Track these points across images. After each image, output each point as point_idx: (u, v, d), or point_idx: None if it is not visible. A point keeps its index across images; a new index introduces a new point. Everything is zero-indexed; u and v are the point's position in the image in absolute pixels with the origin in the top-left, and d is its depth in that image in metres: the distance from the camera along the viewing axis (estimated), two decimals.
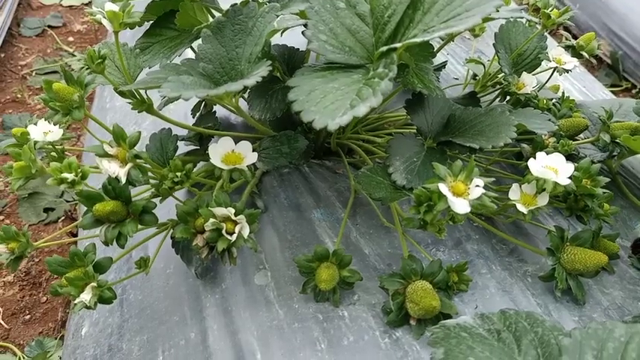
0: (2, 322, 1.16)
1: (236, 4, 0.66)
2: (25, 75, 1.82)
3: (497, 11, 0.53)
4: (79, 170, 0.60)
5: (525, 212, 0.62)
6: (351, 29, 0.63)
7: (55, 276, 1.26)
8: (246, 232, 0.63)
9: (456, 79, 1.15)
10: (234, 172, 0.64)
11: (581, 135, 0.83)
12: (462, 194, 0.56)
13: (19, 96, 1.73)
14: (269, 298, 0.70)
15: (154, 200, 0.65)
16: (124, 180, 0.61)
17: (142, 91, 0.74)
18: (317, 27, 0.62)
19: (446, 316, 0.63)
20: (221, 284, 0.74)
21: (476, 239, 0.73)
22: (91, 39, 2.00)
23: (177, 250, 0.76)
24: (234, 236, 0.62)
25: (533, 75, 0.80)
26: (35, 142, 0.67)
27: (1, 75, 1.80)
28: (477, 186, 0.56)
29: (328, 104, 0.55)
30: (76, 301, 0.62)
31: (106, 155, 0.62)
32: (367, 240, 0.75)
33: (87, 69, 0.70)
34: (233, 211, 0.62)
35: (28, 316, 1.17)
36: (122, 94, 0.74)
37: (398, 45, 0.54)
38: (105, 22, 0.62)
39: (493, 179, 0.59)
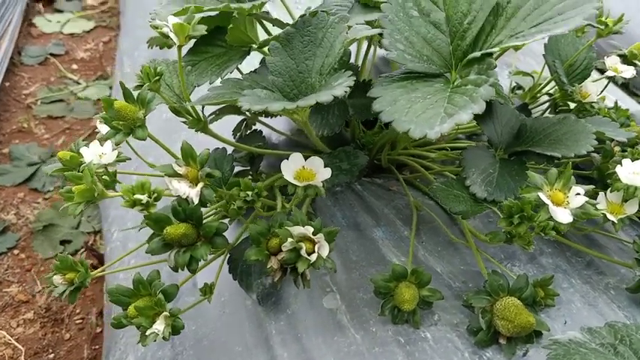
0: None
1: (304, 14, 0.63)
2: (30, 104, 1.77)
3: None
4: (153, 191, 0.56)
5: (615, 221, 0.60)
6: (427, 38, 0.61)
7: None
8: (325, 252, 0.59)
9: None
10: (309, 188, 0.61)
11: None
12: (562, 203, 0.54)
13: (25, 126, 1.68)
14: (342, 322, 0.66)
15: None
16: (196, 200, 0.57)
17: (198, 110, 0.71)
18: (393, 36, 0.60)
19: (537, 334, 0.60)
20: (286, 310, 0.70)
21: (549, 253, 0.71)
22: (96, 66, 1.96)
23: (234, 275, 0.72)
24: (314, 256, 0.58)
25: (593, 82, 0.78)
26: (91, 165, 0.63)
27: (5, 105, 1.75)
28: (578, 194, 0.54)
29: (419, 113, 0.53)
30: (147, 333, 0.58)
31: (175, 175, 0.58)
32: (437, 258, 0.72)
33: (141, 86, 0.67)
34: (312, 229, 0.59)
35: (52, 355, 1.11)
36: (177, 112, 0.71)
37: (495, 49, 0.52)
38: (172, 35, 0.60)
39: (592, 186, 0.56)
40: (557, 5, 0.54)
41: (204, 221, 0.60)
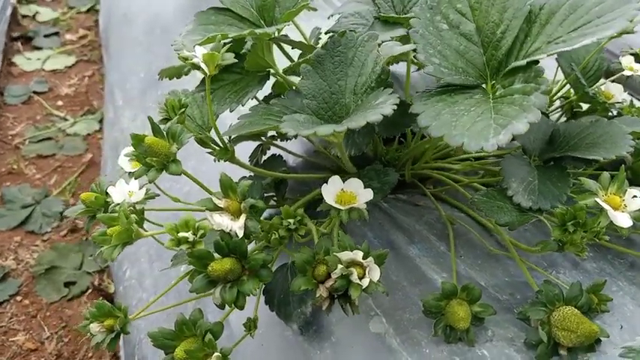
0: None
1: (333, 35, 0.62)
2: (18, 145, 1.73)
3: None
4: (198, 227, 0.54)
5: None
6: (459, 50, 0.60)
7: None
8: (376, 276, 0.57)
9: None
10: (352, 211, 0.59)
11: None
12: (619, 207, 0.53)
13: (14, 167, 1.63)
14: (392, 346, 0.64)
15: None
16: (240, 234, 0.55)
17: (225, 139, 0.69)
18: (427, 50, 0.59)
19: (597, 341, 0.59)
20: (330, 337, 0.68)
21: (592, 257, 0.70)
22: (82, 101, 1.92)
23: (272, 307, 0.70)
24: (365, 281, 0.56)
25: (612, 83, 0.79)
26: (124, 205, 0.61)
27: None
28: (635, 196, 0.53)
29: (469, 126, 0.52)
30: None
31: (216, 209, 0.56)
32: (478, 271, 0.70)
33: (166, 119, 0.65)
34: (361, 254, 0.57)
35: None
36: (202, 143, 0.69)
37: (542, 56, 0.52)
38: (202, 65, 0.58)
39: None
40: (593, 8, 0.54)
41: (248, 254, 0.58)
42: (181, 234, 0.53)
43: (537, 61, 0.53)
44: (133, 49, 1.69)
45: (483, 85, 0.59)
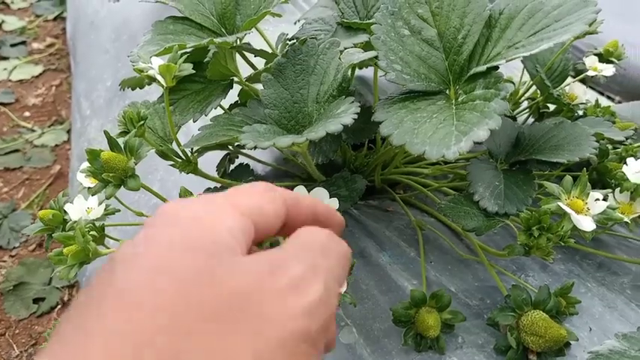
0: None
1: (294, 43, 0.61)
2: None
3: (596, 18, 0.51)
4: None
5: (629, 221, 0.60)
6: (421, 56, 0.60)
7: None
8: (344, 288, 0.56)
9: None
10: None
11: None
12: (582, 211, 0.53)
13: None
14: (363, 357, 0.63)
15: None
16: None
17: (187, 151, 0.67)
18: (388, 57, 0.58)
19: (566, 345, 0.59)
20: None
21: (560, 259, 0.70)
22: (49, 111, 1.88)
23: None
24: None
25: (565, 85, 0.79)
26: (81, 223, 0.59)
27: None
28: (597, 199, 0.53)
29: (430, 134, 0.51)
30: None
31: None
32: (448, 277, 0.70)
33: (125, 132, 0.64)
34: None
35: None
36: (164, 155, 0.67)
37: (502, 61, 0.51)
38: (159, 77, 0.56)
39: (609, 191, 0.56)
40: (552, 12, 0.54)
41: None
42: None
43: (497, 67, 0.52)
44: (100, 56, 1.66)
45: (447, 91, 0.59)
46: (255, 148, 0.50)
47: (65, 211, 0.63)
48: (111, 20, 1.80)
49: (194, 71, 0.58)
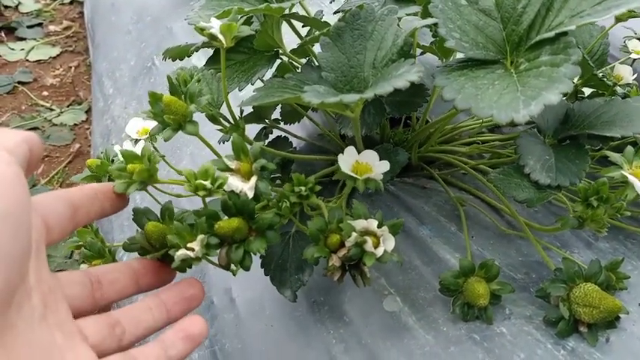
0: None
1: (351, 8, 0.61)
2: None
3: None
4: (216, 177, 0.52)
5: None
6: (479, 26, 0.59)
7: None
8: (391, 246, 0.56)
9: None
10: (369, 181, 0.58)
11: None
12: None
13: None
14: (408, 324, 0.63)
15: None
16: (250, 194, 0.53)
17: (237, 115, 0.67)
18: (447, 25, 0.58)
19: (617, 318, 0.59)
20: (342, 317, 0.66)
21: (604, 237, 0.70)
22: (68, 91, 1.88)
23: (267, 270, 0.67)
24: (380, 250, 0.55)
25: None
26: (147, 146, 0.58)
27: None
28: None
29: (495, 99, 0.51)
30: None
31: (227, 169, 0.55)
32: (491, 251, 0.70)
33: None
34: (376, 222, 0.56)
35: None
36: (213, 119, 0.67)
37: (572, 27, 0.51)
38: (220, 36, 0.56)
39: None
40: None
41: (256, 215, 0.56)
42: (199, 181, 0.51)
43: (566, 33, 0.52)
44: (122, 37, 1.66)
45: (503, 61, 0.59)
46: (316, 109, 0.50)
47: (113, 162, 0.62)
48: (131, 2, 1.80)
49: (253, 32, 0.58)
